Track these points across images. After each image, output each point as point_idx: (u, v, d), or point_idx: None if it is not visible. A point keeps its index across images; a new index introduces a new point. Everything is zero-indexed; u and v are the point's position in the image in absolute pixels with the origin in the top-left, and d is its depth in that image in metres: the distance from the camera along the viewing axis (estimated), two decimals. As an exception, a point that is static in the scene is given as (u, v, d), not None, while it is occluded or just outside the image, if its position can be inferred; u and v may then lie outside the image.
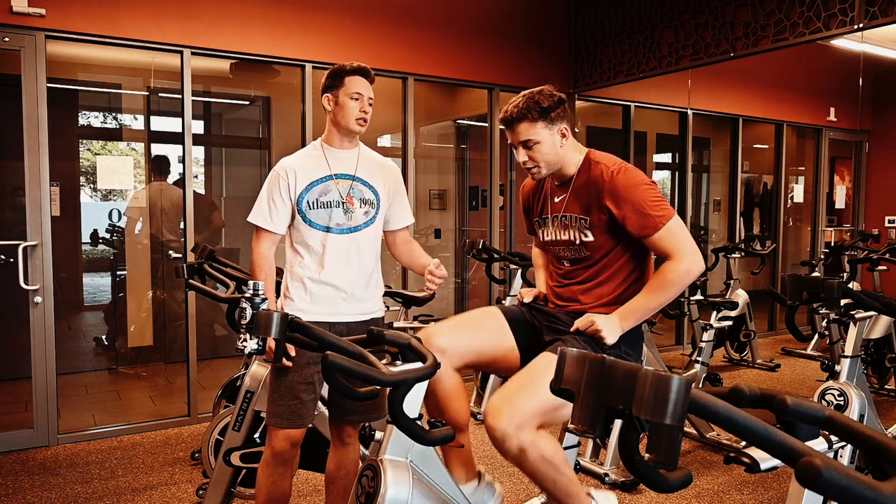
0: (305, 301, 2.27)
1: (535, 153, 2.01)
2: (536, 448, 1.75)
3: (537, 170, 2.05)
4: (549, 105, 1.97)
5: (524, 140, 2.00)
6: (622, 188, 1.93)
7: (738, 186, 6.14)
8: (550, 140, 2.00)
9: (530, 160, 2.03)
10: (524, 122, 1.98)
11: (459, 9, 5.06)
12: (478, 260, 4.72)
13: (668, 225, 1.90)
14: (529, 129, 1.98)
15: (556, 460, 1.79)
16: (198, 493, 3.14)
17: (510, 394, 1.82)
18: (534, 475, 1.81)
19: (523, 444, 1.74)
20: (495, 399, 1.82)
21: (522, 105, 1.98)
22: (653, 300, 1.94)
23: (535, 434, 1.76)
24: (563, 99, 2.03)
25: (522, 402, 1.77)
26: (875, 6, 3.69)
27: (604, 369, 0.82)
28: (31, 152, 3.70)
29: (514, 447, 1.74)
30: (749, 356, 5.56)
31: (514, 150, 2.06)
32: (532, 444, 1.75)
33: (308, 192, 2.26)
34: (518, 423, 1.74)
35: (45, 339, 3.77)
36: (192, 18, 4.06)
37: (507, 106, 2.02)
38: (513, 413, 1.75)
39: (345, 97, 2.24)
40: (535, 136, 1.98)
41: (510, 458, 1.79)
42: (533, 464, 1.77)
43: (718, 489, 3.25)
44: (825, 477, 0.64)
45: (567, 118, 2.04)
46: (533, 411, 1.76)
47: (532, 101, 1.97)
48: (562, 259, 2.14)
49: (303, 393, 2.20)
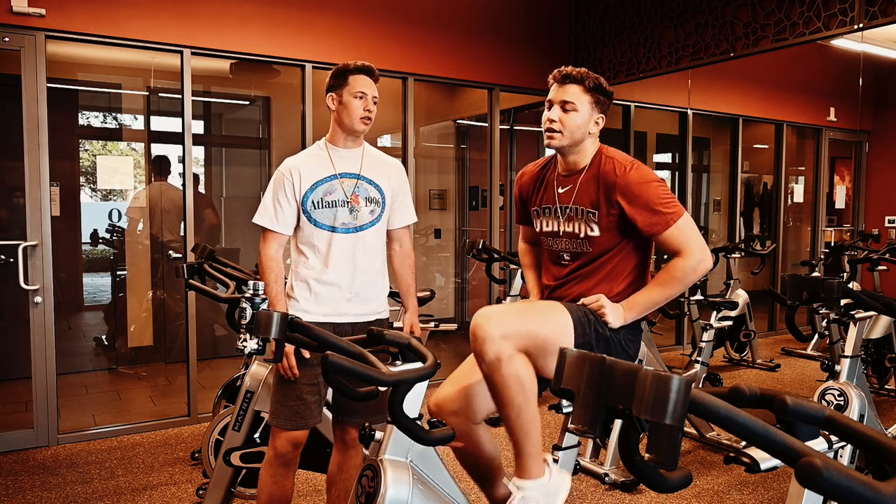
0: (310, 301, 2.26)
1: (568, 118, 1.99)
2: (512, 364, 1.73)
3: (559, 136, 2.01)
4: (605, 89, 2.03)
5: (566, 100, 2.00)
6: (634, 185, 1.93)
7: (738, 186, 6.14)
8: (587, 117, 2.01)
9: (559, 122, 2.00)
10: (578, 86, 2.00)
11: (459, 9, 5.06)
12: (478, 260, 4.72)
13: (678, 223, 1.91)
14: (578, 93, 2.00)
15: (527, 386, 1.76)
16: (198, 493, 3.14)
17: (506, 308, 1.82)
18: (501, 392, 1.76)
19: (501, 354, 1.72)
20: (489, 307, 1.82)
21: (584, 72, 2.01)
22: (658, 294, 1.95)
23: (516, 352, 1.74)
24: (613, 97, 2.08)
25: (514, 318, 1.77)
26: (875, 6, 3.69)
27: (604, 369, 0.82)
28: (31, 152, 3.70)
29: (493, 352, 1.72)
30: (749, 356, 5.56)
31: (548, 109, 2.04)
32: (509, 359, 1.72)
33: (313, 192, 2.25)
34: (503, 333, 1.72)
35: (45, 339, 3.77)
36: (192, 18, 4.06)
37: (567, 67, 2.04)
38: (502, 322, 1.74)
39: (349, 96, 2.23)
40: (578, 104, 1.99)
41: (484, 365, 1.75)
42: (505, 378, 1.73)
43: (718, 489, 3.25)
44: (825, 477, 0.64)
45: (606, 114, 2.06)
46: (521, 331, 1.75)
47: (594, 76, 2.02)
48: (560, 253, 2.10)
49: (306, 394, 2.20)
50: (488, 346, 1.72)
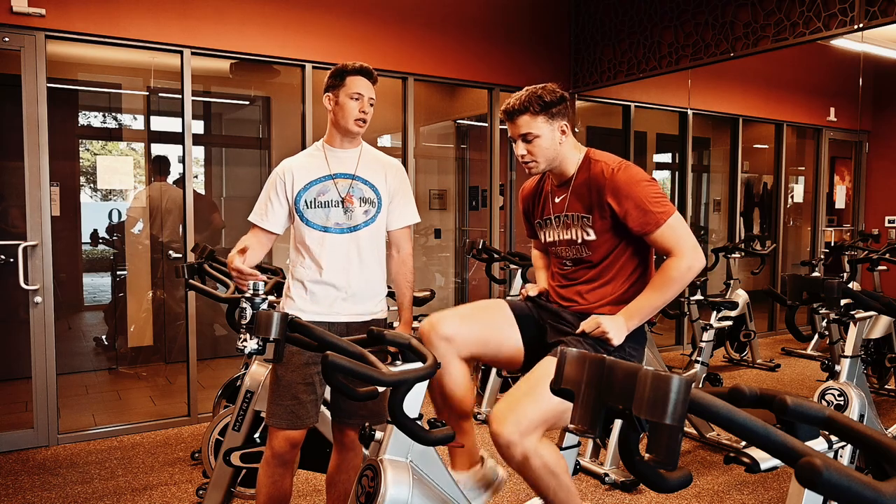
0: (305, 301, 2.27)
1: (534, 147, 2.01)
2: (539, 456, 1.77)
3: (535, 164, 2.04)
4: (551, 100, 1.99)
5: (524, 133, 2.00)
6: (623, 185, 1.93)
7: (738, 186, 6.14)
8: (550, 136, 2.00)
9: (528, 154, 2.02)
10: (525, 115, 1.98)
11: (460, 9, 5.06)
12: (478, 260, 4.72)
13: (668, 221, 1.91)
14: (530, 122, 1.98)
15: (557, 470, 1.81)
16: (198, 493, 3.14)
17: (515, 400, 1.82)
18: (535, 483, 1.82)
19: (527, 452, 1.75)
20: (501, 405, 1.82)
21: (525, 98, 1.99)
22: (657, 298, 1.94)
23: (539, 442, 1.78)
24: (566, 97, 2.04)
25: (527, 409, 1.78)
26: (875, 6, 3.69)
27: (604, 369, 0.82)
28: (31, 152, 3.70)
29: (518, 454, 1.76)
30: (749, 356, 5.56)
31: (513, 143, 2.06)
32: (535, 453, 1.76)
33: (306, 192, 2.26)
34: (522, 430, 1.75)
35: (45, 339, 3.77)
36: (192, 18, 4.06)
37: (510, 99, 2.03)
38: (518, 419, 1.76)
39: (345, 97, 2.24)
40: (535, 130, 1.99)
41: (514, 465, 1.80)
42: (536, 472, 1.78)
43: (718, 489, 3.25)
44: (825, 477, 0.64)
45: (568, 116, 2.04)
46: (538, 418, 1.77)
47: (535, 95, 1.98)
48: (564, 259, 2.13)
49: (302, 393, 2.20)
50: (514, 450, 1.76)
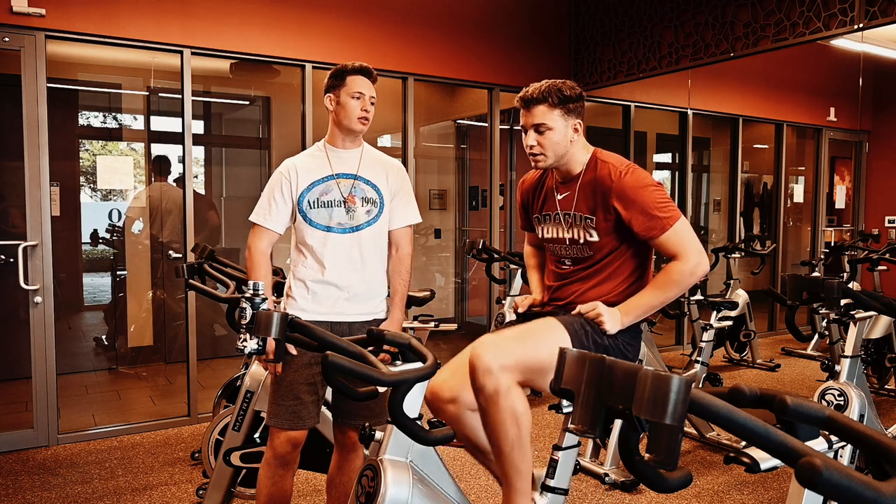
0: (307, 300, 2.27)
1: (545, 140, 1.99)
2: (510, 398, 1.72)
3: (542, 158, 2.02)
4: (570, 95, 1.98)
5: (537, 123, 1.98)
6: (630, 189, 1.92)
7: (738, 186, 6.14)
8: (563, 131, 1.99)
9: (538, 146, 2.00)
10: (542, 105, 1.97)
11: (460, 9, 5.06)
12: (478, 260, 4.72)
13: (674, 227, 1.90)
14: (546, 113, 1.97)
15: (522, 421, 1.75)
16: (198, 493, 3.14)
17: (504, 338, 1.81)
18: (495, 427, 1.75)
19: (499, 387, 1.71)
20: (487, 337, 1.80)
21: (545, 88, 1.98)
22: (655, 298, 1.95)
23: (514, 385, 1.73)
24: (583, 96, 2.04)
25: (514, 347, 1.76)
26: (875, 6, 3.69)
27: (604, 369, 0.82)
28: (31, 152, 3.70)
29: (491, 385, 1.71)
30: (749, 356, 5.56)
31: (524, 133, 2.03)
32: (507, 392, 1.72)
33: (309, 192, 2.27)
34: (502, 364, 1.71)
35: (45, 339, 3.77)
36: (192, 18, 4.06)
37: (528, 87, 2.01)
38: (502, 352, 1.73)
39: (346, 97, 2.25)
40: (550, 122, 1.97)
41: (482, 397, 1.74)
42: (501, 413, 1.73)
43: (718, 489, 3.25)
44: (825, 477, 0.64)
45: (582, 115, 2.04)
46: (520, 360, 1.74)
47: (555, 87, 1.98)
48: (562, 258, 2.12)
49: (303, 393, 2.20)
50: (488, 378, 1.71)
